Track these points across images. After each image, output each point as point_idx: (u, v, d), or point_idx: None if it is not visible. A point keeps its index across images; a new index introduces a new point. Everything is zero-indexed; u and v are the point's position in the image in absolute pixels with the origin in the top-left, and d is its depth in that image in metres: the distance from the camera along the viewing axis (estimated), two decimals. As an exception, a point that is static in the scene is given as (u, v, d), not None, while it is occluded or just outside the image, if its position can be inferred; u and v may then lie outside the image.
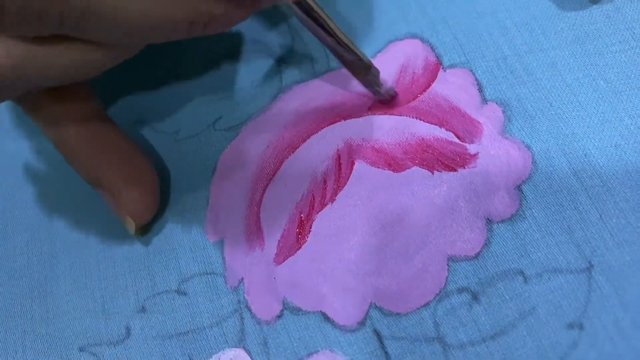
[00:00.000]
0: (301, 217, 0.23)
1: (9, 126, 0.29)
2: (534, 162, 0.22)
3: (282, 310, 0.22)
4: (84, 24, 0.18)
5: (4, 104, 0.29)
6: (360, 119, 0.24)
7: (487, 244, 0.21)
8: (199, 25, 0.19)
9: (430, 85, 0.24)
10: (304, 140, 0.25)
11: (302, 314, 0.22)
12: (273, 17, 0.28)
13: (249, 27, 0.28)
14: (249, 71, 0.27)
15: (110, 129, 0.24)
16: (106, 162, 0.23)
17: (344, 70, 0.25)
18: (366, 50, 0.26)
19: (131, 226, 0.24)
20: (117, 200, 0.24)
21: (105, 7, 0.18)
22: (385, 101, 0.24)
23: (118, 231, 0.25)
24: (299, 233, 0.23)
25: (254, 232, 0.24)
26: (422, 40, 0.25)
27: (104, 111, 0.25)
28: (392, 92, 0.24)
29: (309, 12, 0.22)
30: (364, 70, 0.24)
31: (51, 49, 0.19)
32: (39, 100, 0.23)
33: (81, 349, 0.23)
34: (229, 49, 0.28)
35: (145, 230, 0.25)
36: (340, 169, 0.24)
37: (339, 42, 0.23)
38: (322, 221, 0.23)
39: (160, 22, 0.19)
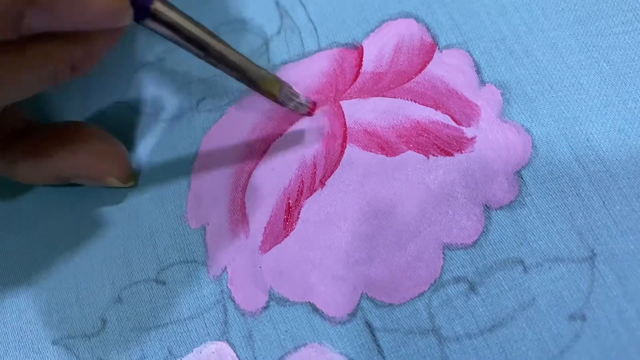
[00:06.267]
0: (289, 202, 0.22)
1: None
2: (534, 146, 0.21)
3: (268, 301, 0.21)
4: None
5: None
6: (352, 101, 0.23)
7: (485, 231, 0.20)
8: (64, 72, 0.19)
9: (425, 66, 0.23)
10: (292, 123, 0.24)
11: (289, 305, 0.21)
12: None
13: (236, 6, 0.27)
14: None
15: (39, 126, 0.23)
16: (55, 157, 0.22)
17: (335, 50, 0.24)
18: (358, 30, 0.24)
19: (117, 183, 0.23)
20: (91, 176, 0.23)
21: None
22: (307, 113, 0.22)
23: (92, 217, 0.24)
24: (287, 220, 0.22)
25: (238, 218, 0.23)
26: (417, 19, 0.24)
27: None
28: (309, 103, 0.22)
29: (181, 31, 0.19)
30: (272, 88, 0.21)
31: None
32: None
33: (54, 342, 0.23)
34: (214, 28, 0.26)
35: (135, 178, 0.24)
36: (330, 152, 0.23)
37: (231, 64, 0.20)
38: (311, 207, 0.22)
39: (24, 80, 0.18)
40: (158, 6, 0.18)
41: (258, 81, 0.21)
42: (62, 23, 0.17)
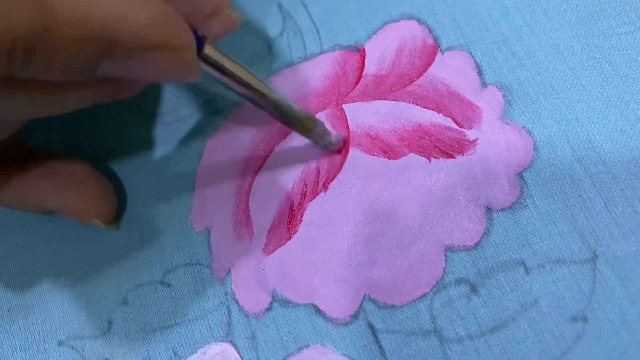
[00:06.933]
0: (292, 205, 0.22)
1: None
2: (535, 148, 0.21)
3: (271, 303, 0.21)
4: None
5: None
6: (355, 104, 0.23)
7: (486, 233, 0.20)
8: (106, 96, 0.19)
9: (427, 68, 0.23)
10: (295, 126, 0.24)
11: (292, 307, 0.21)
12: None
13: (239, 8, 0.27)
14: (238, 54, 0.25)
15: (30, 152, 0.23)
16: (42, 191, 0.22)
17: (338, 53, 0.24)
18: (360, 32, 0.24)
19: (100, 224, 0.23)
20: (74, 215, 0.23)
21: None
22: (337, 151, 0.23)
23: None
24: (290, 222, 0.22)
25: (242, 220, 0.23)
26: (419, 21, 0.24)
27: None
28: (339, 142, 0.23)
29: (226, 71, 0.20)
30: (308, 126, 0.22)
31: None
32: None
33: (60, 343, 0.23)
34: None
35: (117, 220, 0.24)
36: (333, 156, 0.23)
37: (274, 104, 0.21)
38: (314, 210, 0.22)
39: (65, 100, 0.18)
40: (208, 50, 0.19)
41: (297, 120, 0.21)
42: (133, 74, 0.17)
